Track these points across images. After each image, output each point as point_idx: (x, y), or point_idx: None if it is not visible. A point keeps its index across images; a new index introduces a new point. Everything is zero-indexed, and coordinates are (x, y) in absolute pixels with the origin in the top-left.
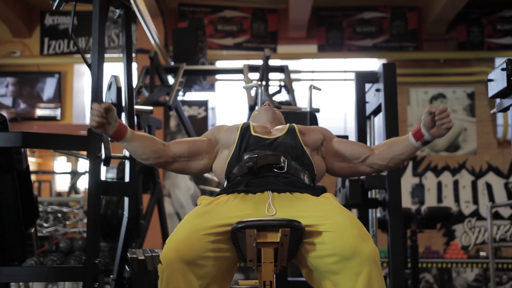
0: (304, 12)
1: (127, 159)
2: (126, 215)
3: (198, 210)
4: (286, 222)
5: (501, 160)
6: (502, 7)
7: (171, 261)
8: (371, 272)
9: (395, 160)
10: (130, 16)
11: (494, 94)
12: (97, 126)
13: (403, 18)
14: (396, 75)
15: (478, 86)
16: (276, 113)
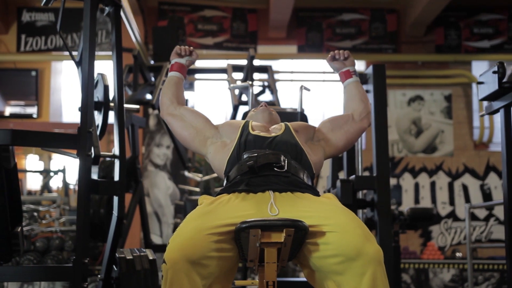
0: (284, 13)
1: (117, 158)
2: (116, 214)
3: (200, 210)
4: (290, 222)
5: (477, 162)
6: (479, 11)
7: (175, 260)
8: (376, 273)
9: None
10: (120, 14)
11: (484, 96)
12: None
13: (382, 20)
14: (385, 76)
15: (455, 89)
16: (272, 114)
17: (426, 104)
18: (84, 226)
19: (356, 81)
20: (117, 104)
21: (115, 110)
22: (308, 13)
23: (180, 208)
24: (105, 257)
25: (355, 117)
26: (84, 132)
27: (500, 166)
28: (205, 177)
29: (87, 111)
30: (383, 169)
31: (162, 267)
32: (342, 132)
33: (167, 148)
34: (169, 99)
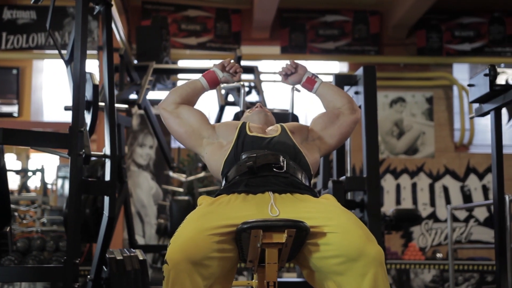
0: (268, 13)
1: (107, 158)
2: (107, 214)
3: (201, 210)
4: (292, 223)
5: (457, 164)
6: (461, 14)
7: (177, 261)
8: (377, 274)
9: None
10: (111, 13)
11: (475, 99)
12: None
13: (365, 22)
14: (376, 78)
15: (436, 91)
16: (268, 115)
17: (408, 106)
18: (76, 226)
19: (322, 83)
20: (108, 103)
21: (106, 109)
22: (291, 14)
23: (163, 208)
24: (95, 257)
25: (345, 111)
26: (76, 132)
27: (480, 168)
28: (190, 177)
29: (78, 110)
30: (373, 170)
31: (163, 267)
32: (335, 128)
33: (150, 148)
34: (177, 97)
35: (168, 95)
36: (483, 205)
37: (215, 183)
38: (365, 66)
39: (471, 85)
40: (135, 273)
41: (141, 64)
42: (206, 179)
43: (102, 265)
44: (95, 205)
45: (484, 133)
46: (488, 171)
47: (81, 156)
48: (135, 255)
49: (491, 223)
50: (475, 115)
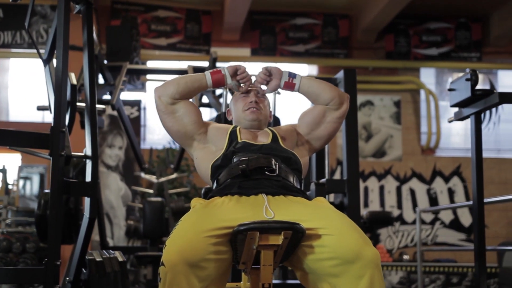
0: (239, 15)
1: (88, 159)
2: (87, 215)
3: (196, 212)
4: (288, 225)
5: (424, 167)
6: (428, 19)
7: (174, 263)
8: (373, 276)
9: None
10: (91, 13)
11: (456, 103)
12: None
13: (335, 25)
14: (356, 81)
15: (404, 95)
16: (261, 120)
17: (376, 109)
18: (57, 227)
19: (302, 81)
20: (89, 104)
21: (87, 110)
22: (262, 16)
23: (132, 209)
24: (74, 259)
25: (331, 107)
26: (57, 132)
27: (445, 171)
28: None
29: (60, 111)
30: (353, 173)
31: (160, 269)
32: (322, 128)
33: (119, 149)
34: (177, 93)
35: (169, 85)
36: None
37: (184, 184)
38: (345, 69)
39: (451, 89)
40: (115, 275)
41: (114, 64)
42: (176, 181)
43: (81, 266)
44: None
45: (449, 137)
46: (454, 174)
47: (62, 156)
48: (115, 257)
49: (457, 226)
50: (454, 119)
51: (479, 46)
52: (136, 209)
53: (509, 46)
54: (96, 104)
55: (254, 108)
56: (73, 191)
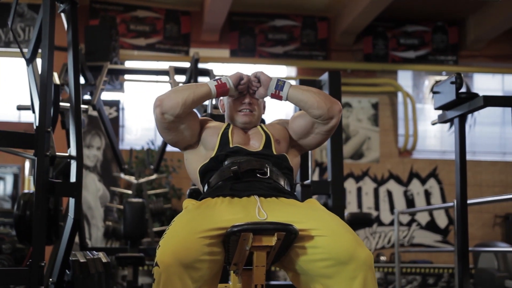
0: (219, 16)
1: (73, 159)
2: (72, 216)
3: (190, 213)
4: (281, 226)
5: (401, 169)
6: (406, 23)
7: (169, 264)
8: (367, 277)
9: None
10: (76, 12)
11: (440, 105)
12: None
13: (314, 27)
14: (341, 83)
15: (382, 97)
16: (253, 122)
17: (354, 111)
18: (41, 228)
19: (288, 91)
20: (73, 104)
21: (71, 110)
22: (241, 18)
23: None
24: (58, 260)
25: (321, 122)
26: (43, 132)
27: (422, 173)
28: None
29: (45, 110)
30: (338, 175)
31: (154, 270)
32: (311, 137)
33: (98, 149)
34: (180, 108)
35: (174, 103)
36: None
37: (163, 185)
38: (330, 71)
39: (436, 92)
40: (99, 276)
41: (94, 64)
42: (154, 181)
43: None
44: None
45: (426, 139)
46: (430, 176)
47: (47, 157)
48: (99, 258)
49: (433, 227)
50: (438, 121)
51: (455, 49)
52: (115, 210)
53: (485, 50)
54: (81, 104)
55: (248, 111)
56: (57, 192)
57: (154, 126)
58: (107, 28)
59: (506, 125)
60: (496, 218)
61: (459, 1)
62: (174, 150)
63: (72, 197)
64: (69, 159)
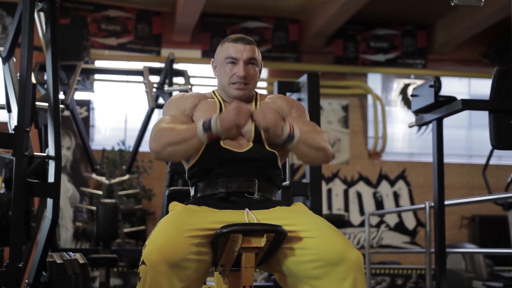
0: (191, 17)
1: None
2: (50, 217)
3: (178, 213)
4: (270, 227)
5: (370, 170)
6: (376, 26)
7: (156, 262)
8: (356, 278)
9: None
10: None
11: (418, 108)
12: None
13: (285, 29)
14: (319, 85)
15: (352, 99)
16: (247, 95)
17: (325, 113)
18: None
19: (296, 143)
20: (52, 103)
21: (50, 109)
22: (213, 19)
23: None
24: (35, 261)
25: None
26: (22, 132)
27: (391, 175)
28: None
29: (24, 110)
30: (316, 176)
31: (140, 268)
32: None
33: (68, 149)
34: (172, 160)
35: (164, 152)
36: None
37: (134, 186)
38: (309, 73)
39: (414, 95)
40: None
41: (67, 64)
42: (125, 182)
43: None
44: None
45: (395, 141)
46: (399, 178)
47: (26, 156)
48: (76, 259)
49: (401, 229)
50: (415, 124)
51: (424, 53)
52: (84, 210)
53: (453, 54)
54: (59, 104)
55: (242, 84)
56: (36, 192)
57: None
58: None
59: (473, 128)
60: (462, 219)
61: (428, 6)
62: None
63: (50, 198)
64: (48, 159)
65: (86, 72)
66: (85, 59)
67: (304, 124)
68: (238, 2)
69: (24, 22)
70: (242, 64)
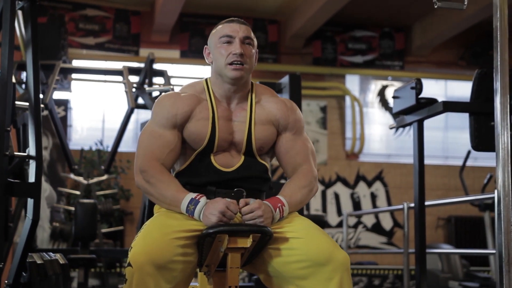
0: (170, 17)
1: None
2: (30, 217)
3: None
4: (256, 228)
5: (348, 171)
6: (354, 27)
7: (142, 264)
8: (343, 279)
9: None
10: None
11: (400, 110)
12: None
13: (264, 30)
14: (301, 86)
15: (330, 100)
16: (244, 77)
17: (303, 114)
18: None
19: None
20: (33, 103)
21: (30, 109)
22: (191, 19)
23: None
24: (15, 261)
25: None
26: (2, 131)
27: (368, 176)
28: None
29: (5, 109)
30: None
31: (126, 270)
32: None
33: (44, 149)
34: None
35: (147, 191)
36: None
37: (112, 186)
38: (290, 74)
39: (395, 97)
40: (56, 278)
41: (46, 63)
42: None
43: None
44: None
45: (372, 143)
46: (376, 179)
47: (7, 156)
48: (56, 259)
49: (378, 229)
50: (396, 125)
51: (401, 55)
52: (62, 210)
53: (430, 56)
54: (40, 103)
55: (239, 64)
56: (16, 192)
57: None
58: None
59: (449, 129)
60: (439, 220)
61: (405, 8)
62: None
63: (31, 198)
64: (28, 159)
65: (65, 72)
66: (63, 58)
67: (297, 154)
68: (217, 3)
69: (5, 21)
70: (238, 41)
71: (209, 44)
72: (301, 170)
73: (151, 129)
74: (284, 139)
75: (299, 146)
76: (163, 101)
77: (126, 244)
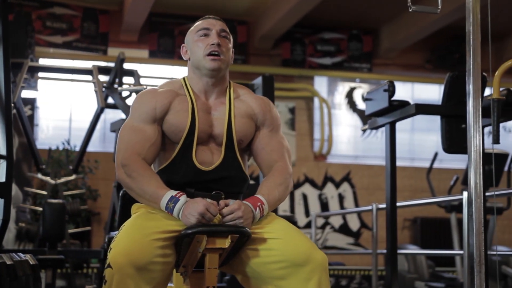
0: (139, 16)
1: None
2: (1, 217)
3: (142, 216)
4: (235, 229)
5: (316, 173)
6: (323, 30)
7: (122, 265)
8: (321, 279)
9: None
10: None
11: (372, 112)
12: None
13: (233, 31)
14: (274, 87)
15: (298, 102)
16: (222, 69)
17: None
18: None
19: (267, 209)
20: (4, 100)
21: (1, 107)
22: (160, 19)
23: (22, 212)
24: None
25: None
26: None
27: (336, 177)
28: (60, 180)
29: None
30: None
31: (106, 271)
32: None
33: None
34: (127, 190)
35: (128, 186)
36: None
37: (79, 186)
38: (263, 75)
39: (368, 99)
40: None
41: (14, 61)
42: (70, 182)
43: None
44: None
45: (340, 144)
46: (344, 180)
47: None
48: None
49: (345, 230)
50: (368, 127)
51: (369, 57)
52: (28, 211)
53: (397, 59)
54: (11, 102)
55: (216, 54)
56: None
57: (69, 125)
58: (23, 24)
59: (415, 131)
60: (405, 221)
61: (373, 11)
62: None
63: (1, 198)
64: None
65: (33, 70)
66: (30, 57)
67: (272, 151)
68: (187, 3)
69: None
70: (215, 33)
71: (186, 41)
72: (276, 167)
73: (131, 124)
74: (261, 135)
75: (275, 143)
76: (142, 97)
77: (94, 244)
